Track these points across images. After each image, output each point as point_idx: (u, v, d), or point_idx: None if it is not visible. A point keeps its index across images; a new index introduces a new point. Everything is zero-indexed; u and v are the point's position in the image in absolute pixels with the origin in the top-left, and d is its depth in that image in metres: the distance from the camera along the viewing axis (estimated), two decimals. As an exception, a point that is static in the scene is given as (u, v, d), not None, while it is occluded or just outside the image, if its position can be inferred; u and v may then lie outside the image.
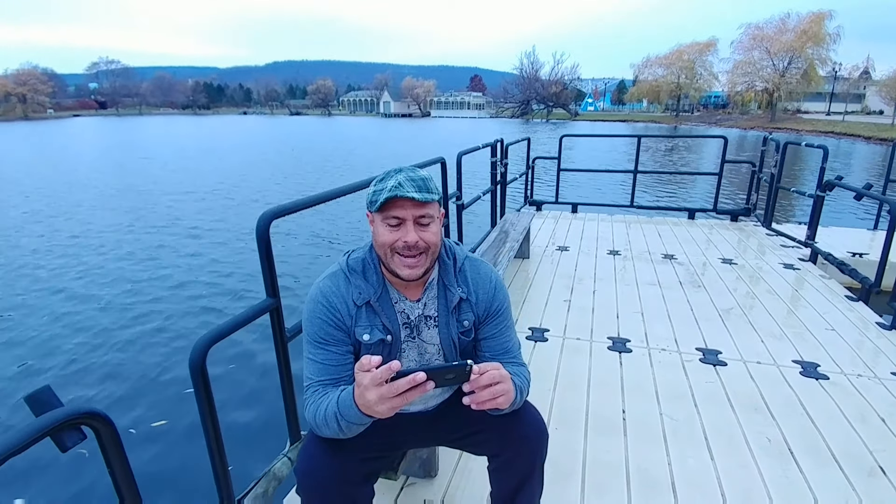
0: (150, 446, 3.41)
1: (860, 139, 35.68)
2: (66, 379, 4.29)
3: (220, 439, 1.53)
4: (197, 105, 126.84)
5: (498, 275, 1.41)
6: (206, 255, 7.82)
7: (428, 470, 1.93)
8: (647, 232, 5.86)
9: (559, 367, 2.87)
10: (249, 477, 1.73)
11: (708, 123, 56.60)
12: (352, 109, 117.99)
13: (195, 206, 11.69)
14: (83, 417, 1.00)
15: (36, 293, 6.29)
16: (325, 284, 1.28)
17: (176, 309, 5.75)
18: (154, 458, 3.28)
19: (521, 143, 6.42)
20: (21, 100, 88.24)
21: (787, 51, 52.11)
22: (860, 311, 3.66)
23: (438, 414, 1.46)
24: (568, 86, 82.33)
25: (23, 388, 4.11)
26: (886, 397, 2.57)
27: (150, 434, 3.54)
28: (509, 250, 3.79)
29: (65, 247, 8.35)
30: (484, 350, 1.37)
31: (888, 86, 44.92)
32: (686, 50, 65.51)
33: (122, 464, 1.11)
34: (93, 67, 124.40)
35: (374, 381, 0.99)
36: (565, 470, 2.02)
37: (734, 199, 11.49)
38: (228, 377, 4.22)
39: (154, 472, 3.15)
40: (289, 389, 1.87)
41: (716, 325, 3.42)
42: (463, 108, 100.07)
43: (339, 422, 1.13)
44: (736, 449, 2.17)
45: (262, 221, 1.67)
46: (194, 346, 1.45)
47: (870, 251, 5.21)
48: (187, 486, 3.03)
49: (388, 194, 1.15)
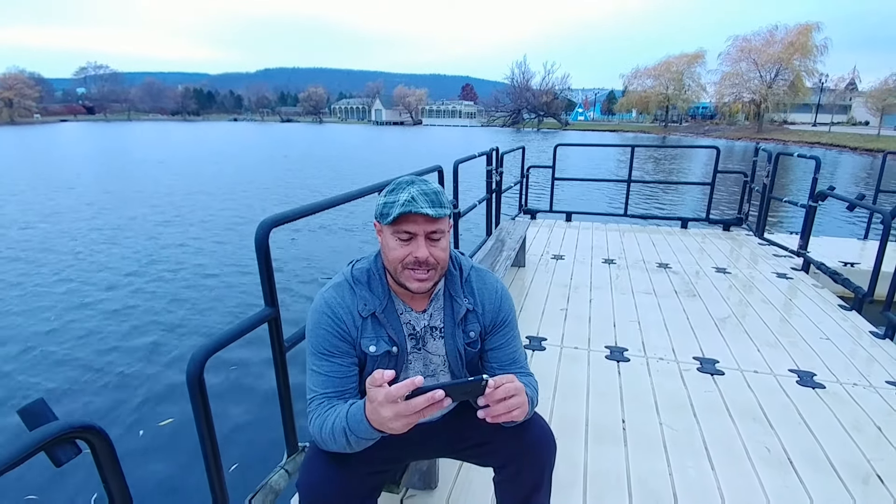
0: (146, 459, 3.35)
1: (847, 150, 36.22)
2: (61, 390, 4.20)
3: (217, 451, 1.50)
4: (187, 111, 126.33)
5: (503, 285, 1.39)
6: (204, 264, 7.77)
7: (428, 482, 1.90)
8: (641, 241, 5.88)
9: (557, 376, 2.86)
10: (246, 489, 1.69)
11: (696, 134, 57.20)
12: (343, 117, 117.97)
13: (194, 215, 11.61)
14: (78, 431, 0.97)
15: (30, 302, 6.18)
16: (330, 295, 1.25)
17: (173, 318, 5.69)
18: (150, 471, 3.22)
19: (515, 151, 6.43)
20: (7, 104, 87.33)
21: (774, 62, 52.88)
22: (854, 320, 3.68)
23: (444, 425, 1.43)
24: (558, 95, 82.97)
25: (16, 400, 4.03)
26: (882, 406, 2.59)
27: (146, 446, 3.49)
28: (506, 259, 3.78)
29: (61, 255, 8.24)
30: (491, 361, 1.35)
31: (874, 97, 45.58)
32: (674, 61, 66.34)
33: (118, 478, 1.08)
34: (81, 72, 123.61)
35: (389, 397, 0.96)
36: (567, 480, 2.00)
37: (726, 209, 11.59)
38: (225, 387, 4.17)
39: (149, 485, 3.09)
40: (287, 400, 1.84)
41: (712, 334, 3.43)
42: (454, 117, 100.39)
43: (348, 437, 1.10)
44: (736, 458, 2.16)
45: (261, 230, 1.65)
46: (192, 356, 1.42)
47: (861, 261, 5.27)
48: (183, 498, 2.98)
49: (402, 209, 1.12)
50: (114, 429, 3.54)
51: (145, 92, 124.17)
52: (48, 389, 4.18)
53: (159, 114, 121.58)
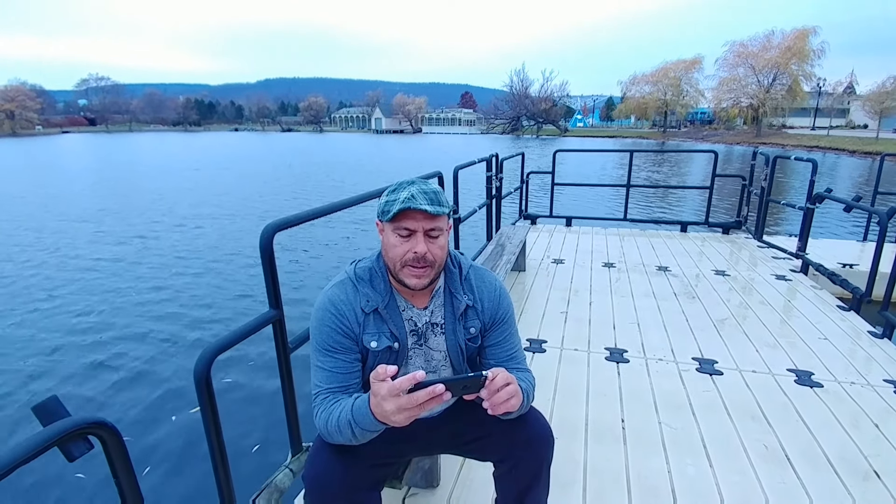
0: (155, 456, 3.40)
1: (845, 153, 36.27)
2: (73, 389, 4.30)
3: (224, 449, 1.53)
4: (188, 122, 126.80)
5: (501, 283, 1.43)
6: (211, 267, 7.89)
7: (430, 480, 1.93)
8: (641, 245, 5.91)
9: (558, 377, 2.89)
10: (252, 487, 1.72)
11: (695, 139, 57.34)
12: (343, 126, 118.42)
13: (198, 222, 11.75)
14: (90, 427, 1.00)
15: (42, 303, 6.30)
16: (333, 292, 1.29)
17: (180, 320, 5.79)
18: (158, 469, 3.27)
19: (515, 157, 6.48)
20: (9, 116, 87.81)
21: (771, 67, 53.10)
22: (852, 320, 3.71)
23: (444, 420, 1.46)
24: (557, 102, 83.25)
25: (30, 398, 4.11)
26: (879, 404, 2.61)
27: (155, 444, 3.54)
28: (506, 263, 3.82)
29: (69, 258, 8.39)
30: (489, 357, 1.39)
31: (872, 100, 45.71)
32: (672, 67, 66.61)
33: (128, 473, 1.11)
34: (82, 84, 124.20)
35: (392, 391, 1.00)
36: (566, 478, 2.03)
37: (725, 213, 11.62)
38: (231, 388, 4.23)
39: (158, 482, 3.14)
40: (291, 401, 1.87)
41: (711, 335, 3.45)
42: (454, 125, 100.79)
43: (353, 429, 1.14)
44: (734, 456, 2.18)
45: (266, 234, 1.68)
46: (199, 356, 1.45)
47: (859, 262, 5.29)
48: (190, 495, 3.03)
49: (401, 206, 1.17)
50: (120, 425, 3.60)
51: (146, 103, 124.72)
52: (60, 387, 4.28)
53: (160, 125, 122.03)
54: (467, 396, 1.11)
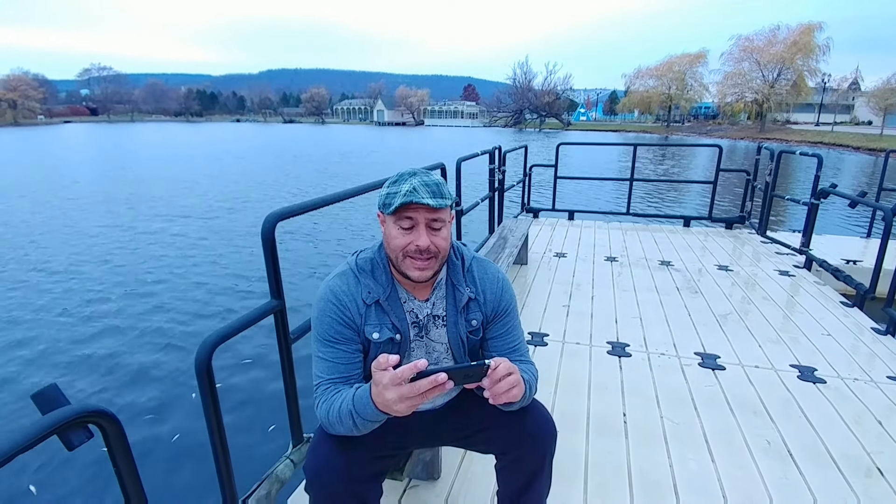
0: (155, 446, 3.41)
1: (849, 149, 36.10)
2: (73, 377, 4.31)
3: (225, 440, 1.52)
4: (190, 112, 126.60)
5: (504, 274, 1.42)
6: (212, 257, 7.91)
7: (431, 472, 1.92)
8: (644, 239, 5.89)
9: (559, 370, 2.88)
10: (252, 478, 1.72)
11: (698, 134, 57.08)
12: (345, 118, 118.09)
13: (201, 210, 11.80)
14: (90, 416, 0.99)
15: (43, 292, 6.34)
16: (335, 283, 1.28)
17: (181, 309, 5.81)
18: (159, 458, 3.29)
19: (517, 150, 6.45)
20: (11, 105, 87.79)
21: (776, 62, 52.74)
22: (855, 316, 3.69)
23: (446, 412, 1.46)
24: (560, 96, 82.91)
25: (29, 386, 4.13)
26: (882, 400, 2.60)
27: (155, 434, 3.55)
28: (508, 256, 3.81)
29: (73, 247, 8.42)
30: (492, 349, 1.38)
31: (877, 96, 45.46)
32: (677, 61, 66.22)
33: (129, 463, 1.11)
34: (84, 74, 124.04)
35: (394, 380, 0.99)
36: (568, 472, 2.02)
37: (729, 207, 11.58)
38: (232, 378, 4.24)
39: (158, 471, 3.15)
40: (292, 391, 1.87)
41: (713, 330, 3.44)
42: (456, 118, 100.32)
43: (355, 419, 1.13)
44: (736, 451, 2.18)
45: (268, 223, 1.67)
46: (200, 346, 1.44)
47: (863, 258, 5.27)
48: (191, 485, 3.03)
49: (403, 199, 1.15)
50: (121, 415, 3.62)
51: (148, 93, 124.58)
52: (60, 375, 4.30)
53: (162, 115, 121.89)
54: (469, 385, 1.09)
